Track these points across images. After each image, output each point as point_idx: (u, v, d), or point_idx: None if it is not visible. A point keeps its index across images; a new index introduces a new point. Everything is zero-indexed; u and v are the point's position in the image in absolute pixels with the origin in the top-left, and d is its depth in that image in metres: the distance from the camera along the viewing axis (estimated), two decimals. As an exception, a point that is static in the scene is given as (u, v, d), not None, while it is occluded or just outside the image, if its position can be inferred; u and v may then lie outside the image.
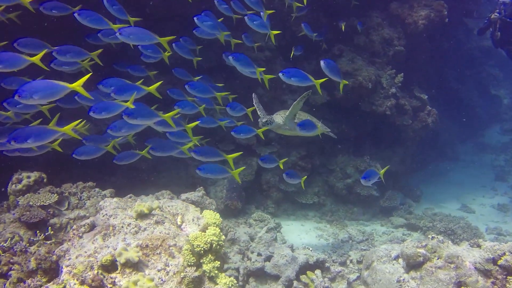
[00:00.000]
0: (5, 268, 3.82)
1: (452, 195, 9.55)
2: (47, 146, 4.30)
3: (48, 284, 3.21)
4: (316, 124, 5.57)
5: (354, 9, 8.11)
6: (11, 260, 3.89)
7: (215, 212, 3.63)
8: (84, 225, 3.56)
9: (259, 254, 5.11)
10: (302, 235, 6.92)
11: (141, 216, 3.42)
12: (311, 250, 5.44)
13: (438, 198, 9.34)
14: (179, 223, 3.54)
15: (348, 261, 5.73)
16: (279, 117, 5.49)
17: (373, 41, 8.20)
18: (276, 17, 7.61)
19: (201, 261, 3.24)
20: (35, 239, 4.42)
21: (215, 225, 3.49)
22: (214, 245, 3.30)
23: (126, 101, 3.95)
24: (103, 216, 3.59)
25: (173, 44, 5.49)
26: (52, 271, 3.73)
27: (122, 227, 3.35)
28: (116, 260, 3.03)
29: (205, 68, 7.43)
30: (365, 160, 8.26)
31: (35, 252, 4.21)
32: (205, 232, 3.38)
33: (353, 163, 8.28)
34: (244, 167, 4.97)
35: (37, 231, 4.49)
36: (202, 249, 3.22)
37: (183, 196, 5.30)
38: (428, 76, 9.66)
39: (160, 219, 3.42)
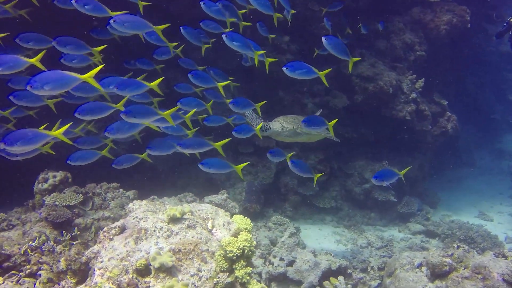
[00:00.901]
0: (35, 267, 3.84)
1: (469, 202, 9.45)
2: (39, 149, 4.23)
3: (80, 286, 3.22)
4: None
5: (376, 13, 8.06)
6: (40, 260, 3.92)
7: (246, 218, 3.62)
8: (114, 228, 3.57)
9: (281, 259, 5.09)
10: (320, 240, 6.89)
11: (173, 220, 3.42)
12: (332, 256, 5.41)
13: (455, 205, 9.25)
14: (209, 227, 3.53)
15: (369, 268, 5.69)
16: (277, 124, 5.27)
17: (394, 46, 8.15)
18: (298, 19, 7.60)
19: (233, 267, 3.23)
20: (61, 239, 4.45)
21: (246, 230, 3.47)
22: (246, 251, 3.29)
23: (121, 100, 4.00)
24: (134, 219, 3.59)
25: (181, 29, 5.31)
26: (81, 273, 3.74)
27: (155, 230, 3.35)
28: (150, 264, 3.03)
29: (224, 70, 7.43)
30: (384, 165, 8.20)
31: (60, 252, 4.25)
32: (236, 237, 3.37)
33: (371, 168, 8.23)
34: (247, 162, 4.79)
35: (64, 231, 4.53)
36: (235, 254, 3.21)
37: (207, 199, 5.32)
38: (447, 81, 9.57)
39: (192, 224, 3.42)
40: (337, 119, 4.90)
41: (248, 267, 3.29)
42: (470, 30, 8.67)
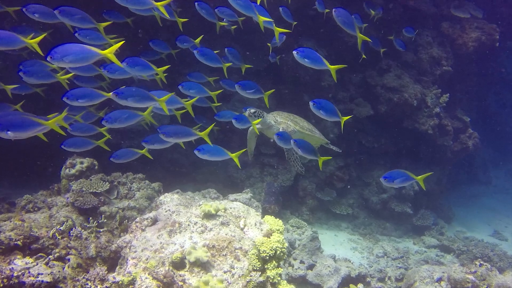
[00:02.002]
0: (64, 251, 3.87)
1: (483, 220, 9.39)
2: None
3: (114, 274, 3.25)
4: (311, 135, 5.16)
5: (405, 25, 8.04)
6: (69, 245, 3.95)
7: (277, 219, 3.63)
8: (147, 219, 3.59)
9: (302, 262, 5.10)
10: (336, 246, 6.88)
11: (208, 216, 3.43)
12: (352, 263, 5.40)
13: (470, 222, 9.19)
14: (242, 226, 3.54)
15: (386, 278, 5.67)
16: (271, 116, 5.06)
17: (421, 59, 8.12)
18: (327, 25, 7.60)
19: (265, 266, 3.24)
20: (88, 225, 4.49)
21: (278, 232, 3.48)
22: (278, 252, 3.30)
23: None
24: (166, 211, 3.62)
25: (196, 4, 5.11)
26: (111, 260, 3.77)
27: (189, 225, 3.37)
28: (185, 258, 3.05)
29: (253, 71, 7.46)
30: (402, 177, 8.15)
31: (86, 238, 4.28)
32: (269, 238, 3.38)
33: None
34: (244, 149, 4.57)
35: (90, 218, 4.56)
36: (268, 255, 3.22)
37: (231, 196, 5.33)
38: (470, 98, 9.52)
39: (225, 221, 3.43)
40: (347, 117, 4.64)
41: (279, 268, 3.30)
42: (496, 48, 8.62)
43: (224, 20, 5.53)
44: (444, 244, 7.45)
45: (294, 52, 4.11)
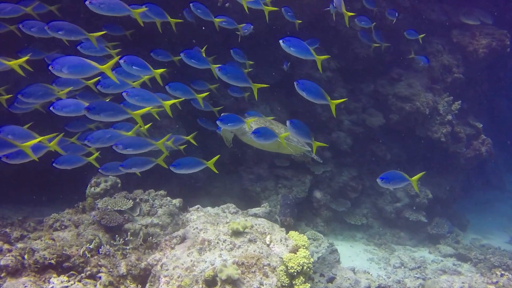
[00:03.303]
0: (95, 269, 4.00)
1: (499, 227, 9.39)
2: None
3: (147, 292, 3.36)
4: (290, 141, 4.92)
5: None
6: (99, 263, 4.08)
7: (302, 234, 3.73)
8: (176, 237, 3.71)
9: (322, 275, 5.17)
10: (353, 257, 6.94)
11: (235, 233, 3.54)
12: (371, 275, 5.46)
13: (485, 229, 9.20)
14: (268, 242, 3.65)
15: (405, 289, 5.72)
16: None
17: (432, 67, 8.21)
18: (339, 37, 7.74)
19: (293, 282, 3.33)
20: (114, 243, 4.62)
21: (304, 247, 3.58)
22: (304, 267, 3.39)
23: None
24: (194, 229, 3.73)
25: (191, 5, 5.12)
26: (140, 278, 3.90)
27: (218, 242, 3.48)
28: (217, 276, 3.15)
29: (268, 83, 7.59)
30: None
31: (113, 255, 4.41)
32: (295, 253, 3.48)
33: (403, 187, 8.25)
34: (219, 155, 4.46)
35: (117, 236, 4.69)
36: (296, 270, 3.32)
37: (251, 211, 5.43)
38: (482, 104, 9.57)
39: (252, 238, 3.54)
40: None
41: (307, 284, 3.39)
42: (507, 53, 8.69)
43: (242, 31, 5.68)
44: (460, 253, 7.47)
45: (281, 41, 4.04)
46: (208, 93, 5.27)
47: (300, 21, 6.00)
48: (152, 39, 6.26)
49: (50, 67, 3.44)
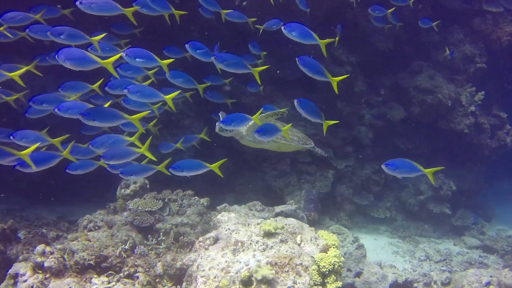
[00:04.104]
0: (132, 269, 4.18)
1: (525, 217, 9.28)
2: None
3: (184, 292, 3.51)
4: (293, 137, 4.75)
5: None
6: (136, 263, 4.26)
7: (332, 234, 3.82)
8: (209, 238, 3.85)
9: (349, 270, 5.26)
10: (378, 251, 6.99)
11: (268, 234, 3.65)
12: (397, 269, 5.52)
13: (511, 219, 9.10)
14: (298, 242, 3.75)
15: (432, 283, 5.76)
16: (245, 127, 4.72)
17: (453, 58, 8.11)
18: (358, 31, 7.71)
19: (325, 281, 3.43)
20: (147, 243, 4.80)
21: (334, 246, 3.67)
22: (336, 266, 3.48)
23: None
24: (226, 230, 3.86)
25: None
26: (176, 277, 4.06)
27: (251, 243, 3.60)
28: (252, 276, 3.27)
29: (288, 80, 7.66)
30: (439, 177, 8.19)
31: (147, 255, 4.58)
32: (326, 252, 3.57)
33: (425, 180, 8.24)
34: (226, 159, 4.41)
35: (149, 236, 4.87)
36: (327, 269, 3.41)
37: (277, 208, 5.54)
38: (507, 93, 9.41)
39: (284, 238, 3.65)
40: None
41: (338, 282, 3.49)
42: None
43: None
44: (486, 245, 7.45)
45: (282, 27, 3.94)
46: (209, 84, 5.23)
47: (309, 9, 5.91)
48: (165, 37, 6.31)
49: (56, 56, 3.59)
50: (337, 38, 5.80)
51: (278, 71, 7.43)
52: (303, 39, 3.99)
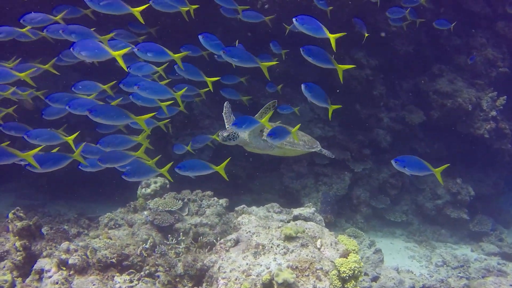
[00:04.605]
0: (153, 269, 4.25)
1: (544, 223, 9.11)
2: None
3: (205, 293, 3.57)
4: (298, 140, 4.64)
5: (458, 26, 7.97)
6: (156, 262, 4.33)
7: (352, 239, 3.83)
8: (230, 240, 3.90)
9: (366, 274, 5.26)
10: (394, 255, 6.97)
11: (288, 238, 3.68)
12: (414, 274, 5.50)
13: (530, 226, 8.96)
14: (318, 246, 3.77)
15: (449, 289, 5.73)
16: (247, 133, 4.56)
17: (475, 62, 8.01)
18: (378, 35, 7.66)
19: (345, 286, 3.45)
20: (167, 242, 4.87)
21: (354, 251, 3.68)
22: (355, 272, 3.50)
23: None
24: (247, 233, 3.91)
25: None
26: (196, 278, 4.11)
27: (272, 247, 3.64)
28: (273, 279, 3.31)
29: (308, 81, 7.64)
30: (457, 182, 8.11)
31: (167, 255, 4.65)
32: (346, 258, 3.59)
33: (444, 184, 8.17)
34: (230, 158, 4.33)
35: (169, 236, 4.94)
36: (347, 275, 3.43)
37: (296, 211, 5.55)
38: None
39: (305, 242, 3.67)
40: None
41: (357, 287, 3.50)
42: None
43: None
44: (505, 252, 7.36)
45: (294, 19, 3.90)
46: (216, 78, 5.18)
47: (331, 7, 5.89)
48: (183, 36, 6.35)
49: (71, 49, 3.72)
50: (366, 35, 5.75)
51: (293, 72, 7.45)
52: (313, 32, 3.93)
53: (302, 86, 3.95)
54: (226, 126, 4.71)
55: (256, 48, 6.53)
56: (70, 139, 4.10)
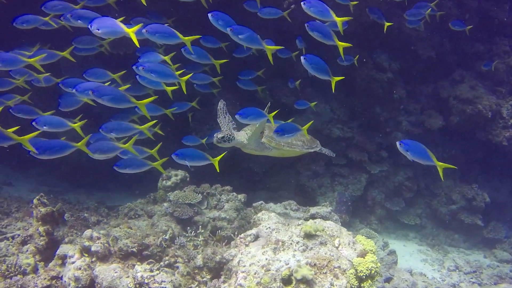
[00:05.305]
0: (172, 260, 4.37)
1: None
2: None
3: (225, 285, 3.67)
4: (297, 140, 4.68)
5: (481, 34, 7.93)
6: (176, 253, 4.45)
7: (369, 239, 3.89)
8: (250, 235, 4.00)
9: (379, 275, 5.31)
10: (406, 257, 7.00)
11: (308, 236, 3.77)
12: (427, 277, 5.54)
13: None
14: (337, 245, 3.85)
15: (462, 294, 5.75)
16: (243, 134, 4.57)
17: (497, 69, 7.95)
18: (401, 38, 7.66)
19: (361, 285, 3.52)
20: (186, 234, 5.00)
21: (372, 252, 3.75)
22: (372, 272, 3.57)
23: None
24: (267, 229, 4.00)
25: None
26: (215, 270, 4.22)
27: (291, 243, 3.72)
28: (292, 275, 3.40)
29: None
30: (473, 188, 8.09)
31: (185, 246, 4.76)
32: (363, 257, 3.66)
33: (459, 190, 8.16)
34: (226, 152, 4.41)
35: (188, 228, 5.06)
36: (364, 274, 3.51)
37: (312, 210, 5.63)
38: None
39: (323, 241, 3.75)
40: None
41: (374, 287, 3.57)
42: None
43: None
44: (518, 259, 7.34)
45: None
46: (224, 60, 5.22)
47: (356, 2, 5.83)
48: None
49: (88, 26, 3.82)
50: (386, 24, 5.71)
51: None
52: (320, 16, 4.03)
53: (302, 59, 3.93)
54: (221, 127, 4.71)
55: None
56: (77, 125, 4.22)
